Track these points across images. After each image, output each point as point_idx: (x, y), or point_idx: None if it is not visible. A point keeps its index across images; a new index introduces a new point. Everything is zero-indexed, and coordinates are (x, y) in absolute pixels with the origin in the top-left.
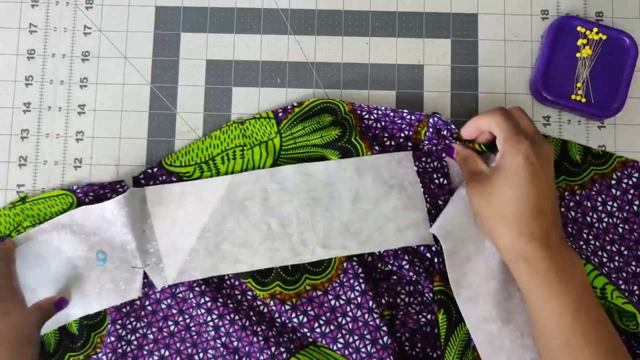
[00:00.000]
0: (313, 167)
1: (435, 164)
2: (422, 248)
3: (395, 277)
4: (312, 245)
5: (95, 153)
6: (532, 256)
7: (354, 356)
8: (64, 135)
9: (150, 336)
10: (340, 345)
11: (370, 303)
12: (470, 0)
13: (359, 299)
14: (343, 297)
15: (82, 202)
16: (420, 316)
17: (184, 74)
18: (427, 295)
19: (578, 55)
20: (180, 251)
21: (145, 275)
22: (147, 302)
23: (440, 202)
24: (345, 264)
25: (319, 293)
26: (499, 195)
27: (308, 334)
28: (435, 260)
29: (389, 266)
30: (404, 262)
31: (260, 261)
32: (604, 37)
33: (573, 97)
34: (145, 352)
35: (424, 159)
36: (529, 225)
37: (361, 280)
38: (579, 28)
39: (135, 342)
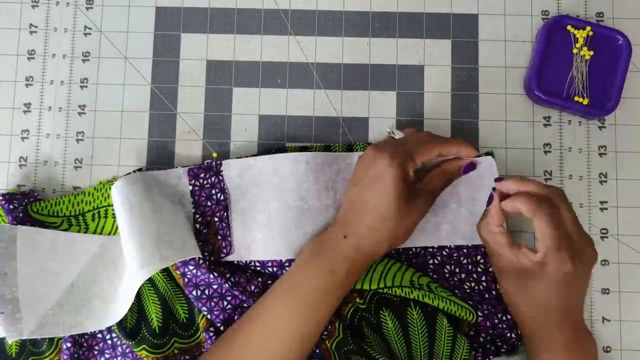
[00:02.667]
0: None
1: (213, 178)
2: None
3: None
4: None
5: (96, 153)
6: (543, 349)
7: None
8: (64, 136)
9: (99, 335)
10: None
11: None
12: (470, 1)
13: None
14: None
15: None
16: None
17: (184, 75)
18: None
19: (574, 51)
20: (42, 302)
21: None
22: None
23: (216, 219)
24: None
25: (187, 357)
26: (531, 295)
27: None
28: None
29: None
30: None
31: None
32: (597, 36)
33: (569, 96)
34: (96, 352)
35: (202, 175)
36: (551, 323)
37: None
38: (572, 27)
39: (85, 344)
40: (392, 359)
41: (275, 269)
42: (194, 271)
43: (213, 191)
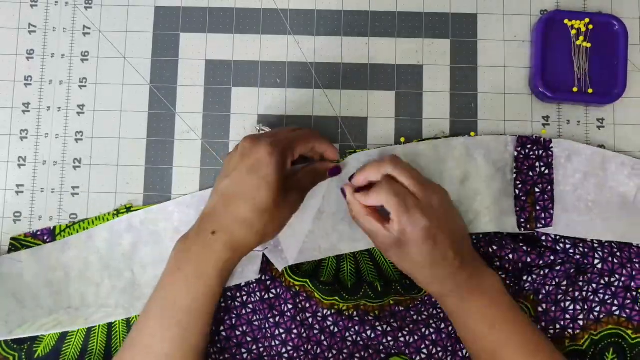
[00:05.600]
0: (423, 146)
1: (541, 152)
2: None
3: None
4: None
5: (95, 153)
6: (448, 294)
7: None
8: (63, 136)
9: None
10: (423, 356)
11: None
12: (470, 0)
13: (441, 314)
14: (425, 313)
15: None
16: None
17: (184, 74)
18: None
19: (574, 43)
20: (297, 233)
21: (264, 257)
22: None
23: (537, 190)
24: None
25: (402, 308)
26: (410, 260)
27: (392, 343)
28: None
29: None
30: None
31: None
32: (594, 26)
33: (574, 89)
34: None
35: (529, 146)
36: (440, 276)
37: None
38: (569, 21)
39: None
40: None
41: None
42: None
43: (537, 164)
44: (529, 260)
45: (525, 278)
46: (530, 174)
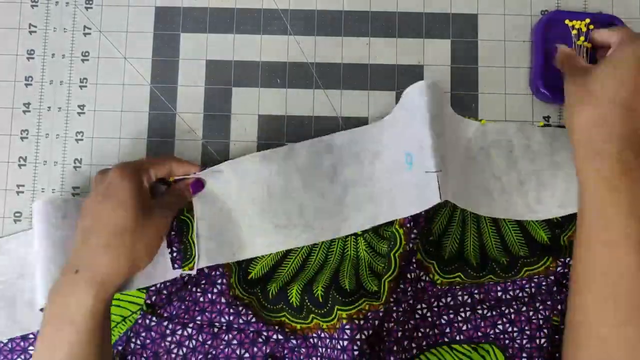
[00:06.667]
0: (540, 131)
1: None
2: None
3: None
4: (548, 205)
5: (95, 153)
6: (609, 155)
7: (506, 342)
8: (63, 136)
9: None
10: (497, 331)
11: (537, 304)
12: (470, 0)
13: (525, 298)
14: (510, 292)
15: None
16: None
17: (184, 74)
18: None
19: (578, 43)
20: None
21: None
22: None
23: None
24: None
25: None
26: (595, 80)
27: (468, 314)
28: None
29: None
30: None
31: (498, 211)
32: (593, 26)
33: None
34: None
35: None
36: (616, 116)
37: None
38: (567, 21)
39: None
40: None
41: None
42: None
43: None
44: None
45: None
46: None
